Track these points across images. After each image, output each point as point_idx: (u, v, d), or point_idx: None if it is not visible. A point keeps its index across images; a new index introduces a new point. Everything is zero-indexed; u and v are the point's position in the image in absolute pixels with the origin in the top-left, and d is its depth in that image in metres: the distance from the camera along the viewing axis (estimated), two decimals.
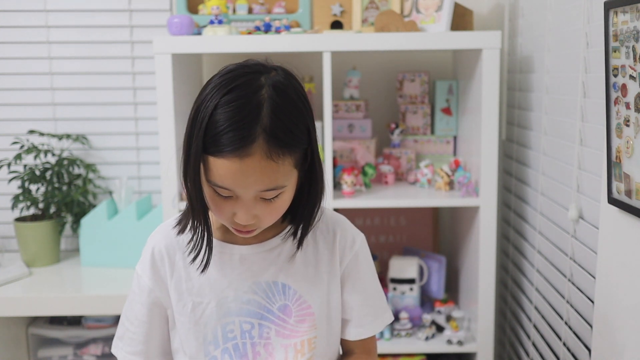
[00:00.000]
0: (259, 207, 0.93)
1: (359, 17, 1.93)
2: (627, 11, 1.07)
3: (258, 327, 1.04)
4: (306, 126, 0.93)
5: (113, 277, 2.00)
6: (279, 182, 0.91)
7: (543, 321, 1.69)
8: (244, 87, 0.89)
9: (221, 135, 0.87)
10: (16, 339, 2.09)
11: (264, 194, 0.92)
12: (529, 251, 1.82)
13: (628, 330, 1.17)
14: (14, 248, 2.23)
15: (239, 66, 0.94)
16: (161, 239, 1.07)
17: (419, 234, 2.20)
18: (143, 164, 2.26)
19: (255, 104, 0.88)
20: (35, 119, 2.22)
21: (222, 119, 0.87)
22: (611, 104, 1.15)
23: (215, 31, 1.76)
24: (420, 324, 1.95)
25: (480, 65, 1.74)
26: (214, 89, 0.90)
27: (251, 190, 0.91)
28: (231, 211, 0.94)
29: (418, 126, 2.09)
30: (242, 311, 1.04)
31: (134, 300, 1.08)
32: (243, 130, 0.86)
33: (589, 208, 1.41)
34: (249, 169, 0.88)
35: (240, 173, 0.88)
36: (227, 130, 0.86)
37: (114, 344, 1.10)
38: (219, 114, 0.87)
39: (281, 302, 1.04)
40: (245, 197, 0.92)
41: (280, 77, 0.92)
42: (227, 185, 0.90)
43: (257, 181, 0.89)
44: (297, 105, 0.92)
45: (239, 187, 0.90)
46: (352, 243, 1.09)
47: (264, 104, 0.88)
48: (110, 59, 2.21)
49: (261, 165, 0.88)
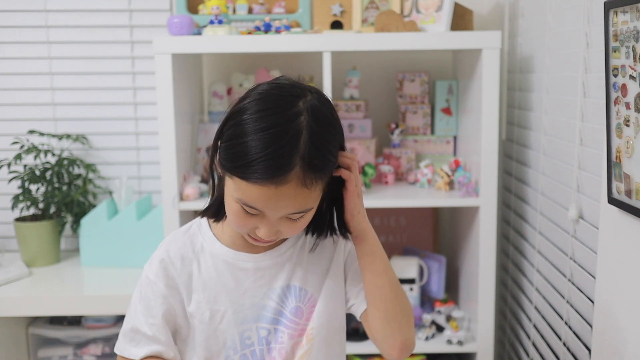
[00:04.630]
0: (283, 224, 0.95)
1: (359, 17, 1.93)
2: (627, 11, 1.07)
3: (274, 332, 1.05)
4: (338, 148, 0.95)
5: (113, 277, 2.00)
6: (309, 205, 0.94)
7: (543, 321, 1.69)
8: (282, 113, 0.88)
9: (258, 162, 0.86)
10: (16, 339, 2.09)
11: (292, 215, 0.94)
12: (529, 251, 1.82)
13: (628, 330, 1.17)
14: (14, 248, 2.23)
15: (274, 86, 0.93)
16: (176, 248, 1.06)
17: (419, 234, 2.20)
18: (143, 164, 2.26)
19: (294, 133, 0.87)
20: (35, 119, 2.22)
21: (260, 145, 0.86)
22: (611, 104, 1.15)
23: (215, 31, 1.76)
24: (420, 324, 1.94)
25: (480, 65, 1.74)
26: (249, 112, 0.89)
27: (281, 213, 0.92)
28: (254, 226, 0.95)
29: (418, 126, 2.09)
30: (259, 317, 1.05)
31: (148, 299, 1.03)
32: (282, 160, 0.86)
33: (589, 208, 1.41)
34: (283, 195, 0.89)
35: (274, 198, 0.89)
36: (265, 159, 0.86)
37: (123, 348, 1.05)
38: (256, 139, 0.86)
39: (293, 305, 1.05)
40: (273, 218, 0.93)
41: (315, 101, 0.92)
42: (257, 207, 0.91)
43: (289, 206, 0.91)
44: (332, 132, 0.93)
45: (270, 210, 0.92)
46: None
47: (303, 133, 0.88)
48: (110, 59, 2.21)
49: (296, 192, 0.89)
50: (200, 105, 2.13)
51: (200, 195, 1.85)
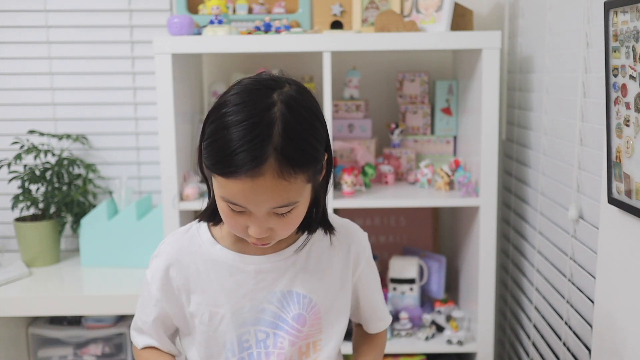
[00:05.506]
0: (273, 221, 0.94)
1: (359, 17, 1.93)
2: (627, 11, 1.07)
3: (273, 337, 1.04)
4: (319, 142, 0.92)
5: (113, 277, 2.00)
6: (291, 199, 0.91)
7: (543, 321, 1.69)
8: (255, 105, 0.87)
9: (233, 155, 0.85)
10: (16, 339, 2.09)
11: (277, 210, 0.92)
12: (529, 251, 1.82)
13: (628, 330, 1.17)
14: (14, 248, 2.23)
15: (252, 81, 0.92)
16: (174, 249, 1.06)
17: (419, 234, 2.20)
18: (143, 164, 2.26)
19: (267, 123, 0.86)
20: (35, 119, 2.22)
21: (234, 138, 0.85)
22: (611, 104, 1.15)
23: (215, 31, 1.76)
24: (420, 324, 1.94)
25: (480, 65, 1.74)
26: (227, 106, 0.89)
27: (263, 207, 0.91)
28: (245, 225, 0.94)
29: (418, 126, 2.09)
30: (257, 321, 1.04)
31: (144, 299, 1.09)
32: (255, 151, 0.85)
33: (589, 208, 1.41)
34: (260, 188, 0.87)
35: (252, 192, 0.88)
36: (239, 151, 0.85)
37: (132, 334, 1.13)
38: (231, 133, 0.86)
39: (295, 312, 1.04)
40: (258, 214, 0.92)
41: (292, 92, 0.90)
42: (239, 203, 0.90)
43: (269, 199, 0.89)
44: (310, 122, 0.91)
45: (251, 205, 0.90)
46: (363, 249, 1.12)
47: (276, 123, 0.86)
48: (110, 59, 2.21)
49: (273, 184, 0.87)
50: (200, 105, 2.13)
51: (200, 195, 1.85)
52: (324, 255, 1.07)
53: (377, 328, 1.21)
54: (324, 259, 1.07)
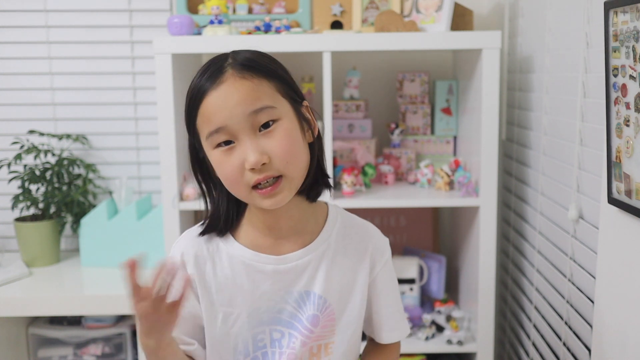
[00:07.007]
0: (263, 141, 0.93)
1: (359, 17, 1.93)
2: (627, 11, 1.07)
3: (288, 337, 1.04)
4: (276, 64, 1.00)
5: (113, 277, 2.00)
6: (264, 101, 0.93)
7: (543, 321, 1.69)
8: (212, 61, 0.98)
9: (198, 87, 0.95)
10: (16, 339, 2.09)
11: (256, 118, 0.93)
12: (529, 251, 1.82)
13: (628, 330, 1.17)
14: (14, 248, 2.23)
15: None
16: (189, 247, 1.05)
17: (419, 234, 2.20)
18: (143, 164, 2.26)
19: (222, 56, 0.97)
20: (35, 119, 2.22)
21: (197, 80, 0.96)
22: (611, 104, 1.15)
23: (215, 31, 1.76)
24: (420, 324, 1.94)
25: (480, 65, 1.74)
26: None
27: (239, 113, 0.92)
28: (241, 163, 0.92)
29: (418, 126, 2.09)
30: (273, 320, 1.03)
31: None
32: (213, 73, 0.94)
33: (589, 208, 1.41)
34: (227, 93, 0.92)
35: (223, 101, 0.92)
36: (202, 82, 0.95)
37: None
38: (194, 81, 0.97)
39: (310, 312, 1.04)
40: (241, 131, 0.92)
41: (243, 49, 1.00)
42: (218, 123, 0.92)
43: (240, 102, 0.92)
44: (262, 54, 0.99)
45: (230, 117, 0.92)
46: (382, 252, 1.11)
47: (229, 55, 0.98)
48: (110, 59, 2.21)
49: (236, 85, 0.92)
50: None
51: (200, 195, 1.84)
52: (338, 255, 1.06)
53: (389, 338, 1.15)
54: (340, 260, 1.06)
